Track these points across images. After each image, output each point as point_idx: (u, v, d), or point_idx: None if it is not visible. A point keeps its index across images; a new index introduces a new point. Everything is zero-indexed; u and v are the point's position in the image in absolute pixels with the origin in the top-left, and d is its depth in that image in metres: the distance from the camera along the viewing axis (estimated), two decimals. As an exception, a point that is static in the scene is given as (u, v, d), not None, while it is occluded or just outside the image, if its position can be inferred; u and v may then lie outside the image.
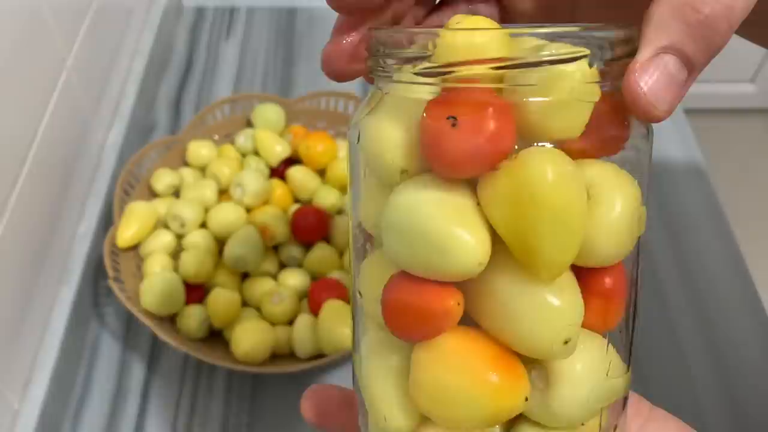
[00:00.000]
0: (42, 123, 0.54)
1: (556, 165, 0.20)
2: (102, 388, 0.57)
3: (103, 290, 0.62)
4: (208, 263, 0.59)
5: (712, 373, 0.59)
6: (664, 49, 0.21)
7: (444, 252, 0.21)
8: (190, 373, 0.58)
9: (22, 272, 0.52)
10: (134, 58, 0.76)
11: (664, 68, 0.21)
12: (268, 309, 0.57)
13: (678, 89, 0.21)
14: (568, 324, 0.21)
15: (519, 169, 0.20)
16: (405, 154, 0.22)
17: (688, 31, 0.21)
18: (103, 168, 0.66)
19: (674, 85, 0.21)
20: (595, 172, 0.22)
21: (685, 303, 0.63)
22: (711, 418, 0.57)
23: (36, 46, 0.54)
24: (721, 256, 0.66)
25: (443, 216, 0.21)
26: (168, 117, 0.77)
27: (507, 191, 0.20)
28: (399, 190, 0.22)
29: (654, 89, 0.21)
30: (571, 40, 0.20)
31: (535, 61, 0.20)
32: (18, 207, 0.50)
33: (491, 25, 0.22)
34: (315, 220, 0.61)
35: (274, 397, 0.57)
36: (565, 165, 0.20)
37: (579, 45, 0.20)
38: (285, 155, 0.67)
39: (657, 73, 0.21)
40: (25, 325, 0.53)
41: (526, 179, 0.20)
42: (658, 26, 0.21)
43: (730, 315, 0.62)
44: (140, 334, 0.60)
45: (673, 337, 0.61)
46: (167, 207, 0.62)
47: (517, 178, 0.20)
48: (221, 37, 0.86)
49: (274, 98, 0.71)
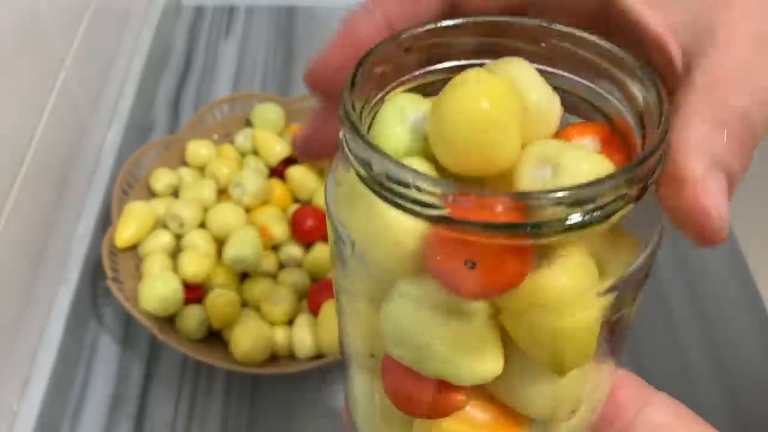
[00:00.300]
0: (40, 123, 0.54)
1: (575, 283, 0.19)
2: (101, 388, 0.57)
3: (101, 290, 0.62)
4: (207, 263, 0.59)
5: (712, 373, 0.59)
6: (714, 164, 0.19)
7: (455, 369, 0.20)
8: (189, 374, 0.58)
9: (20, 272, 0.52)
10: (133, 57, 0.76)
11: (720, 186, 0.19)
12: (267, 309, 0.57)
13: (727, 206, 0.19)
14: (576, 400, 0.21)
15: (539, 289, 0.19)
16: (404, 260, 0.19)
17: (733, 147, 0.19)
18: (101, 168, 0.66)
19: (727, 202, 0.19)
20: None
21: (685, 302, 0.63)
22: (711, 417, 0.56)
23: (34, 46, 0.53)
24: (721, 256, 0.66)
25: (454, 338, 0.19)
26: (167, 117, 0.77)
27: (528, 308, 0.19)
28: (398, 299, 0.20)
29: (718, 209, 0.19)
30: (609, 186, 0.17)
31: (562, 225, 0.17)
32: (16, 207, 0.50)
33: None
34: (314, 220, 0.61)
35: (274, 397, 0.57)
36: (584, 283, 0.19)
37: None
38: (284, 155, 0.67)
39: (717, 192, 0.19)
40: (24, 326, 0.52)
41: (546, 300, 0.19)
42: (699, 133, 0.19)
43: (731, 314, 0.62)
44: (139, 335, 0.60)
45: (673, 336, 0.61)
46: (166, 207, 0.62)
47: (538, 297, 0.19)
48: (220, 36, 0.86)
49: (274, 98, 0.71)
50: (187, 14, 0.88)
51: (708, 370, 0.59)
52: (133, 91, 0.72)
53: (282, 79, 0.81)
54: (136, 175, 0.65)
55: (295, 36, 0.86)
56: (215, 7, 0.89)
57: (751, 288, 0.64)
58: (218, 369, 0.58)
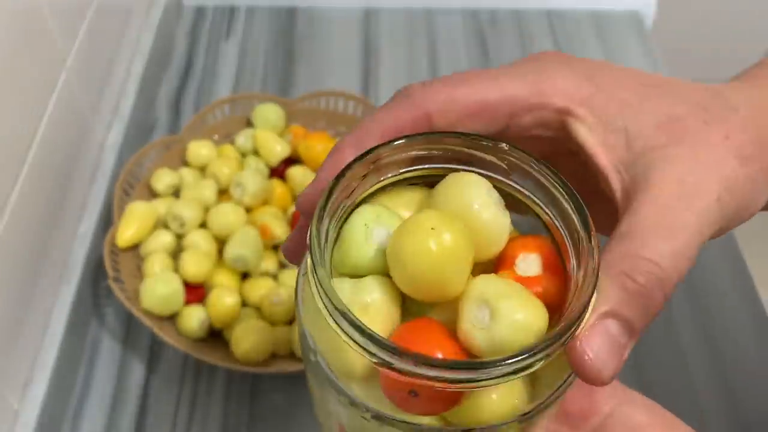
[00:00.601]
0: (42, 123, 0.54)
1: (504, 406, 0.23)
2: (102, 388, 0.57)
3: (102, 290, 0.62)
4: (208, 263, 0.59)
5: (711, 371, 0.59)
6: (605, 315, 0.22)
7: None
8: (189, 373, 0.58)
9: (21, 272, 0.52)
10: (134, 58, 0.76)
11: (606, 332, 0.22)
12: (267, 309, 0.57)
13: (621, 352, 0.22)
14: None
15: (475, 408, 0.22)
16: (358, 374, 0.22)
17: (626, 298, 0.22)
18: (102, 168, 0.66)
19: (617, 348, 0.22)
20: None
21: (684, 302, 0.63)
22: (710, 415, 0.57)
23: (36, 46, 0.53)
24: (721, 256, 0.66)
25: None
26: (168, 117, 0.77)
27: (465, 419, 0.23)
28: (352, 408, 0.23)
29: (599, 354, 0.21)
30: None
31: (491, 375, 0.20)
32: (18, 207, 0.50)
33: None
34: (315, 220, 0.61)
35: (274, 397, 0.57)
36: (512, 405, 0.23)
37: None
38: (285, 155, 0.67)
39: (600, 339, 0.22)
40: (25, 325, 0.53)
41: (481, 418, 0.23)
42: (600, 293, 0.22)
43: (729, 314, 0.62)
44: (140, 335, 0.60)
45: (672, 335, 0.61)
46: (167, 207, 0.62)
47: (474, 414, 0.22)
48: (221, 36, 0.86)
49: (274, 98, 0.71)
50: (188, 15, 0.88)
51: (707, 369, 0.59)
52: (135, 92, 0.73)
53: (282, 79, 0.81)
54: (137, 175, 0.65)
55: (296, 36, 0.86)
56: (216, 8, 0.89)
57: (750, 288, 0.64)
58: (219, 368, 0.58)
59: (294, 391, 0.57)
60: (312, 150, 0.66)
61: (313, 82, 0.80)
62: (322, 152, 0.65)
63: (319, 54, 0.84)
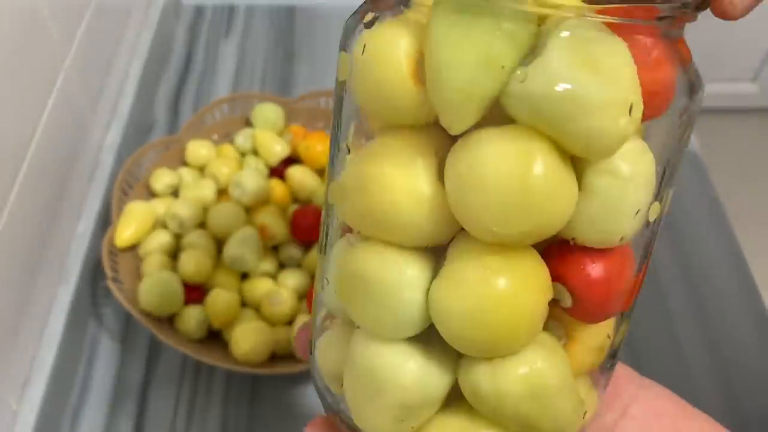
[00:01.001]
0: (40, 123, 0.54)
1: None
2: (100, 388, 0.57)
3: (101, 290, 0.62)
4: (207, 263, 0.58)
5: (711, 371, 0.59)
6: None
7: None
8: (188, 374, 0.58)
9: (20, 272, 0.52)
10: (133, 57, 0.76)
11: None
12: (267, 309, 0.57)
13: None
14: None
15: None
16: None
17: None
18: (101, 168, 0.66)
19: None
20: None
21: (684, 301, 0.63)
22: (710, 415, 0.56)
23: (34, 45, 0.53)
24: (721, 255, 0.66)
25: None
26: (167, 116, 0.77)
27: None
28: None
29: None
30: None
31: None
32: (16, 207, 0.50)
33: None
34: (314, 220, 0.61)
35: (274, 398, 0.57)
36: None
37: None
38: (284, 155, 0.67)
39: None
40: (23, 326, 0.52)
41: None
42: None
43: (730, 313, 0.62)
44: (139, 335, 0.60)
45: (672, 335, 0.61)
46: (166, 207, 0.62)
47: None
48: (220, 35, 0.86)
49: (274, 98, 0.71)
50: (187, 14, 0.88)
51: (707, 368, 0.59)
52: (133, 91, 0.72)
53: (282, 78, 0.81)
54: (136, 174, 0.65)
55: (295, 36, 0.86)
56: (215, 7, 0.89)
57: (752, 287, 0.64)
58: (218, 369, 0.58)
59: (294, 392, 0.57)
60: (311, 150, 0.66)
61: (312, 81, 0.80)
62: (322, 152, 0.65)
63: (319, 53, 0.84)
